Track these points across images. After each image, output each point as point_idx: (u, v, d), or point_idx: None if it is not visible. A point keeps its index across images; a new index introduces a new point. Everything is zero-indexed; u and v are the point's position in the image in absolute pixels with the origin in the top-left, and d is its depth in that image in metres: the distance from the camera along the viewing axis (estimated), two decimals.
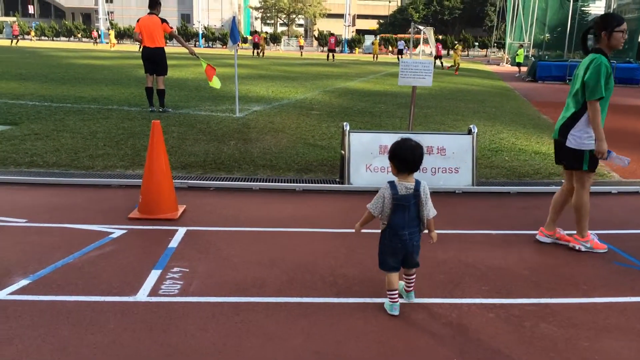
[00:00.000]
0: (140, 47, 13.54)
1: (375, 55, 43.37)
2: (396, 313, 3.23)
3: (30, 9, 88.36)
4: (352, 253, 4.18)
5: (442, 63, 34.60)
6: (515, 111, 13.41)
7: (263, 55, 41.77)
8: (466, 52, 68.96)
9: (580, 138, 4.17)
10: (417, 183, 3.14)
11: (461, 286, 3.69)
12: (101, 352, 2.78)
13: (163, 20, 10.59)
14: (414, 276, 3.41)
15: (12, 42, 46.65)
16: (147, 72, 10.74)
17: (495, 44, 67.51)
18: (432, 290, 3.61)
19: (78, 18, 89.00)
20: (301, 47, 51.06)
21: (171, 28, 10.80)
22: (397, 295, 3.28)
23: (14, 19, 66.07)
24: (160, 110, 10.71)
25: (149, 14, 10.57)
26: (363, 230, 3.35)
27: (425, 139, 5.63)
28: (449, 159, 6.17)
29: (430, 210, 3.18)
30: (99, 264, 3.82)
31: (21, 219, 4.68)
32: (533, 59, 33.14)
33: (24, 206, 5.06)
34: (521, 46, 34.70)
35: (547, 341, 3.01)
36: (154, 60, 10.58)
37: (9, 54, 30.50)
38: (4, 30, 65.00)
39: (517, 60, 32.33)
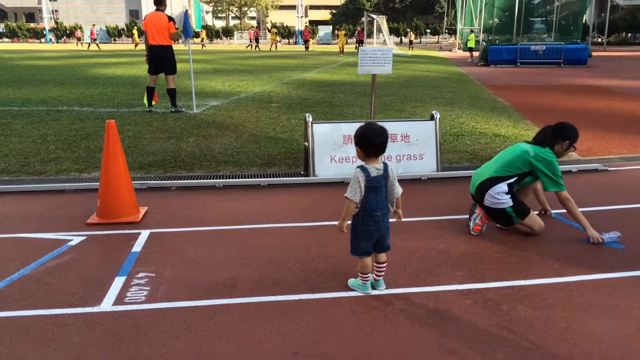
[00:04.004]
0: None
1: (342, 48, 38.73)
2: (370, 291, 3.35)
3: None
4: (323, 247, 4.08)
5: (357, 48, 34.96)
6: (471, 95, 13.57)
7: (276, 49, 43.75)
8: (419, 40, 69.69)
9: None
10: (385, 165, 3.26)
11: (435, 273, 3.65)
12: None
13: (170, 19, 10.21)
14: (385, 264, 3.38)
15: None
16: (149, 72, 10.37)
17: (447, 31, 68.41)
18: (407, 279, 3.56)
19: (21, 18, 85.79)
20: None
21: (176, 29, 10.32)
22: (369, 278, 3.37)
23: None
24: (172, 110, 10.30)
25: (155, 10, 10.16)
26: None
27: (388, 127, 5.54)
28: (413, 146, 6.14)
29: (399, 188, 3.34)
30: (58, 274, 3.62)
31: None
32: (484, 43, 33.71)
33: None
34: (472, 31, 35.22)
35: (525, 324, 2.99)
36: (160, 58, 10.21)
37: None
38: None
39: (468, 46, 32.83)
